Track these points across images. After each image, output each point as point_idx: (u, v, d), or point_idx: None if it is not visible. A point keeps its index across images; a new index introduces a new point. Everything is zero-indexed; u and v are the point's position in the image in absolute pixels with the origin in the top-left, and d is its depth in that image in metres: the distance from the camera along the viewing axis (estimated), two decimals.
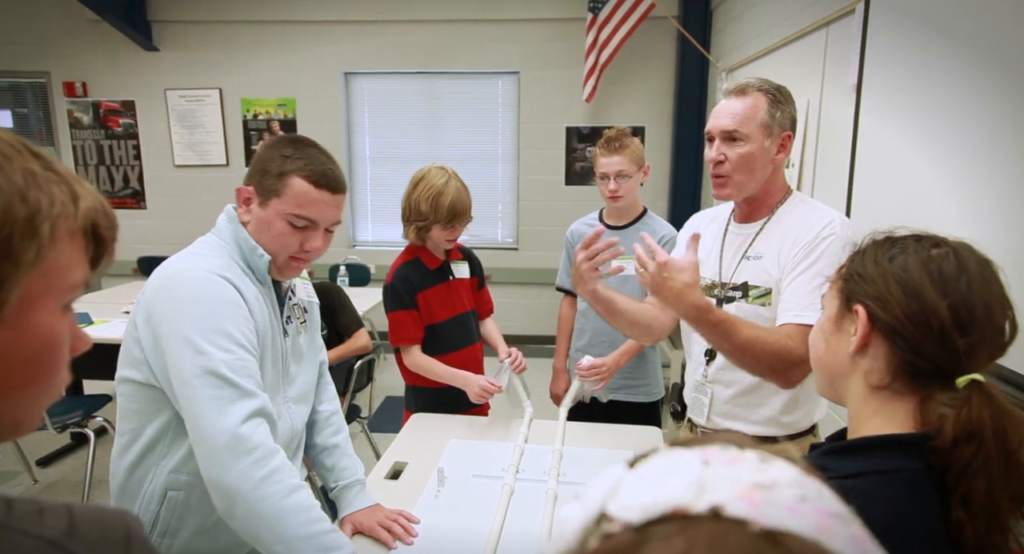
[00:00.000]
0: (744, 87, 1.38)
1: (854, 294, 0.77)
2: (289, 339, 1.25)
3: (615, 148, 2.02)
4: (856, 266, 0.79)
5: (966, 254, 0.75)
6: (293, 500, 1.04)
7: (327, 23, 4.89)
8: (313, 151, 1.15)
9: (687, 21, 4.50)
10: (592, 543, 0.29)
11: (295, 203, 1.13)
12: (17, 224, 0.41)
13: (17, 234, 0.41)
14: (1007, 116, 1.50)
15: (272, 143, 1.16)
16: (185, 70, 5.04)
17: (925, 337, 0.71)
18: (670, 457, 0.31)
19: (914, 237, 0.77)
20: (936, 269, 0.73)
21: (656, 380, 2.24)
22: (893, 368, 0.74)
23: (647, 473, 0.31)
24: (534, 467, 1.59)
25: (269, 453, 1.04)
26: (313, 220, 1.14)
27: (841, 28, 2.45)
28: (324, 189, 1.14)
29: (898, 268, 0.74)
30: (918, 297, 0.72)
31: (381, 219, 5.28)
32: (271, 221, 1.13)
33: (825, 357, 0.82)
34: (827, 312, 0.83)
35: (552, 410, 2.10)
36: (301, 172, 1.12)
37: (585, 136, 4.98)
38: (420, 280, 1.91)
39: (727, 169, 1.38)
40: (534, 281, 4.93)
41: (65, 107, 5.16)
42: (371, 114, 5.12)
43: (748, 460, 0.30)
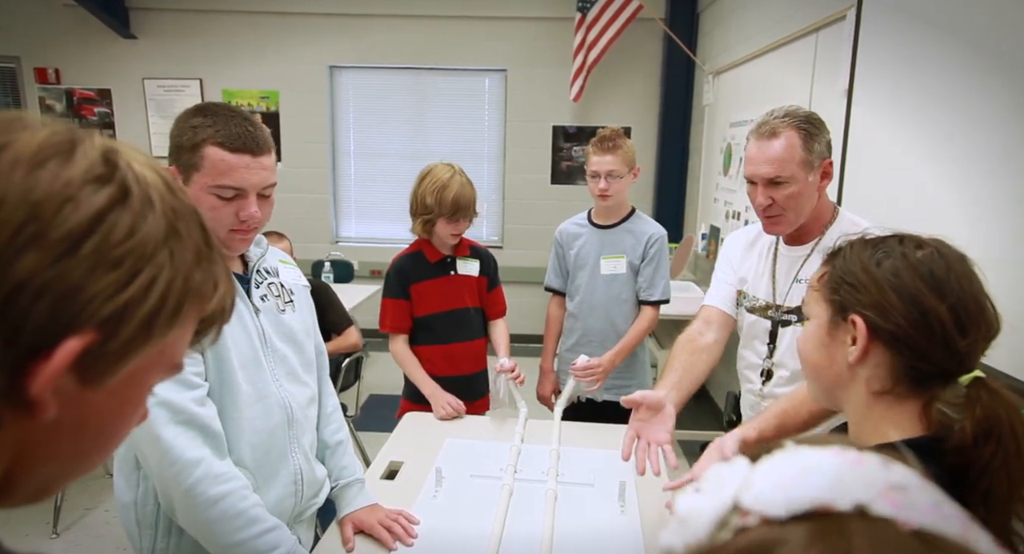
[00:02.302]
0: (775, 128, 1.35)
1: (848, 304, 0.76)
2: (266, 317, 1.19)
3: (608, 147, 2.03)
4: (842, 273, 0.78)
5: (947, 251, 0.76)
6: (216, 511, 1.04)
7: (312, 15, 4.81)
8: (225, 115, 1.07)
9: (674, 23, 4.54)
10: (723, 536, 0.29)
11: (216, 172, 1.05)
12: (170, 302, 0.41)
13: (166, 312, 0.41)
14: (1000, 122, 1.54)
15: (182, 115, 1.09)
16: (164, 59, 4.92)
17: (929, 342, 0.72)
18: (798, 454, 0.31)
19: (895, 238, 0.78)
20: (928, 271, 0.73)
21: (645, 380, 2.26)
22: (895, 373, 0.74)
23: (781, 469, 0.30)
24: (532, 467, 1.58)
25: (190, 463, 1.02)
26: (239, 188, 1.07)
27: (832, 34, 2.48)
28: (243, 153, 1.06)
29: (889, 274, 0.74)
30: (917, 303, 0.73)
31: (365, 215, 5.22)
32: (199, 197, 1.06)
33: (821, 367, 0.81)
34: (817, 321, 0.82)
35: (546, 410, 2.09)
36: (214, 139, 1.05)
37: (571, 135, 4.98)
38: (416, 272, 1.96)
39: (777, 210, 1.38)
40: (518, 280, 4.91)
41: (36, 94, 5.00)
42: (356, 109, 5.06)
43: (872, 462, 0.30)
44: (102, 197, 0.38)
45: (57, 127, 0.40)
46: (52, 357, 0.36)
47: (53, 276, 0.36)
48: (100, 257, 0.37)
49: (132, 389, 0.43)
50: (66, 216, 0.37)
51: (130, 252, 0.39)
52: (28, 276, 0.35)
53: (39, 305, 0.36)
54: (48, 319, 0.36)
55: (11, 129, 0.39)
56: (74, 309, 0.37)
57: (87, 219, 0.37)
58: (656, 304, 2.15)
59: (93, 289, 0.37)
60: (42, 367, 0.36)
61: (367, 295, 3.89)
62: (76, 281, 0.37)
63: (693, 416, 3.77)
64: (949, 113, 1.72)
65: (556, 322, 2.28)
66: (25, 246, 0.36)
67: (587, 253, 2.17)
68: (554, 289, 2.29)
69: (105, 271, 0.38)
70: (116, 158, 0.41)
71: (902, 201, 1.91)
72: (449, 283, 1.99)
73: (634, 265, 2.14)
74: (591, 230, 2.19)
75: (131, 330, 0.39)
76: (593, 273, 2.16)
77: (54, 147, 0.39)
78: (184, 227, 0.42)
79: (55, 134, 0.39)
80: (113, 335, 0.38)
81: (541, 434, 1.77)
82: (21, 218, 0.36)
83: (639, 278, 2.15)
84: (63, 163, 0.38)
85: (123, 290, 0.38)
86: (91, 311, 0.37)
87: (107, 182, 0.39)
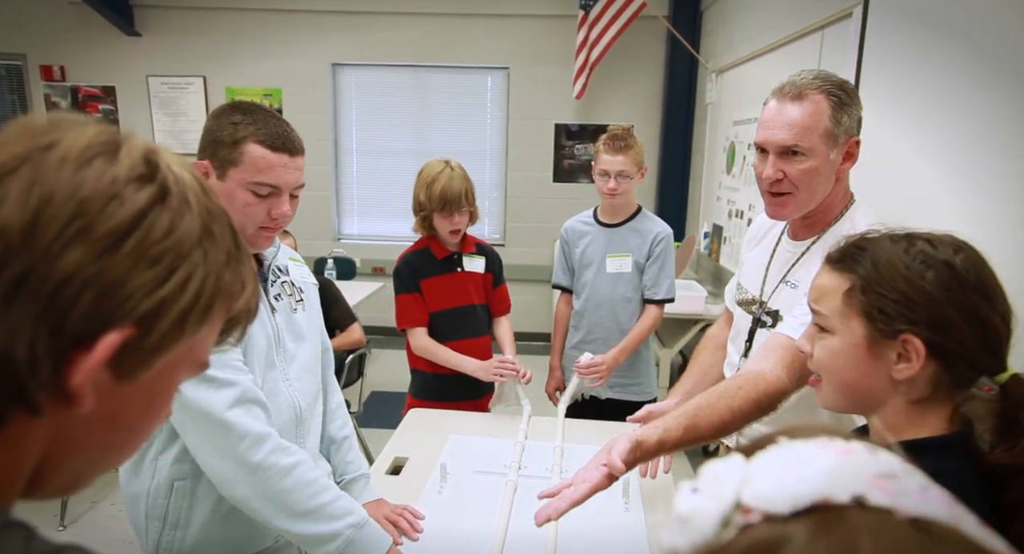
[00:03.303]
0: (801, 90, 1.15)
1: (897, 321, 0.71)
2: (280, 316, 1.21)
3: (620, 147, 2.03)
4: (879, 287, 0.73)
5: (972, 250, 0.75)
6: (291, 479, 1.06)
7: (315, 13, 4.82)
8: (263, 115, 1.10)
9: (677, 21, 4.53)
10: (728, 534, 0.29)
11: (255, 169, 1.08)
12: (203, 300, 0.42)
13: (198, 310, 0.42)
14: (1009, 122, 1.53)
15: (219, 112, 1.11)
16: (168, 56, 4.92)
17: (984, 352, 0.71)
18: (792, 449, 0.31)
19: (922, 240, 0.75)
20: (976, 280, 0.71)
21: (650, 379, 2.26)
22: (937, 382, 0.73)
23: (777, 465, 0.31)
24: (536, 464, 1.59)
25: (260, 438, 1.05)
26: (276, 186, 1.10)
27: (837, 31, 2.48)
28: (282, 152, 1.09)
29: (940, 287, 0.71)
30: (976, 317, 0.70)
31: (367, 212, 5.23)
32: (233, 193, 1.08)
33: (857, 383, 0.77)
34: (849, 339, 0.76)
35: (549, 407, 2.10)
36: (255, 137, 1.07)
37: (574, 133, 4.98)
38: (424, 267, 1.97)
39: (787, 187, 1.18)
40: (521, 278, 4.93)
41: (42, 91, 5.01)
42: (359, 106, 5.07)
43: (859, 450, 0.31)
44: (144, 196, 0.40)
45: (101, 127, 0.42)
46: (93, 349, 0.38)
47: (97, 270, 0.37)
48: (141, 253, 0.39)
49: (162, 385, 0.44)
50: (111, 213, 0.38)
51: (168, 250, 0.40)
52: (75, 269, 0.37)
53: (83, 298, 0.37)
54: (91, 312, 0.38)
55: (59, 128, 0.41)
56: (115, 303, 0.38)
57: (130, 216, 0.39)
58: (660, 303, 2.15)
59: (133, 284, 0.39)
60: (83, 359, 0.38)
61: (369, 292, 3.91)
62: (118, 276, 0.38)
63: None
64: (957, 113, 1.72)
65: (564, 319, 2.29)
66: (72, 240, 0.37)
67: (593, 251, 2.18)
68: (562, 286, 2.29)
69: (145, 267, 0.39)
70: (156, 159, 0.42)
71: (907, 202, 1.91)
72: (456, 280, 2.00)
73: (639, 264, 2.14)
74: (597, 228, 2.19)
75: (166, 326, 0.40)
76: (599, 271, 2.17)
77: (100, 146, 0.40)
78: (217, 228, 0.44)
79: (100, 134, 0.41)
80: (149, 330, 0.40)
81: (545, 431, 1.77)
82: (69, 213, 0.37)
83: (644, 277, 2.15)
84: (108, 162, 0.40)
85: (161, 286, 0.40)
86: (131, 306, 0.39)
87: (149, 181, 0.41)
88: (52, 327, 0.37)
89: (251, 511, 1.07)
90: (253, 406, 1.07)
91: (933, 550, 0.27)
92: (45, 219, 0.37)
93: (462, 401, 1.98)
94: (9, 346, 0.36)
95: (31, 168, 0.38)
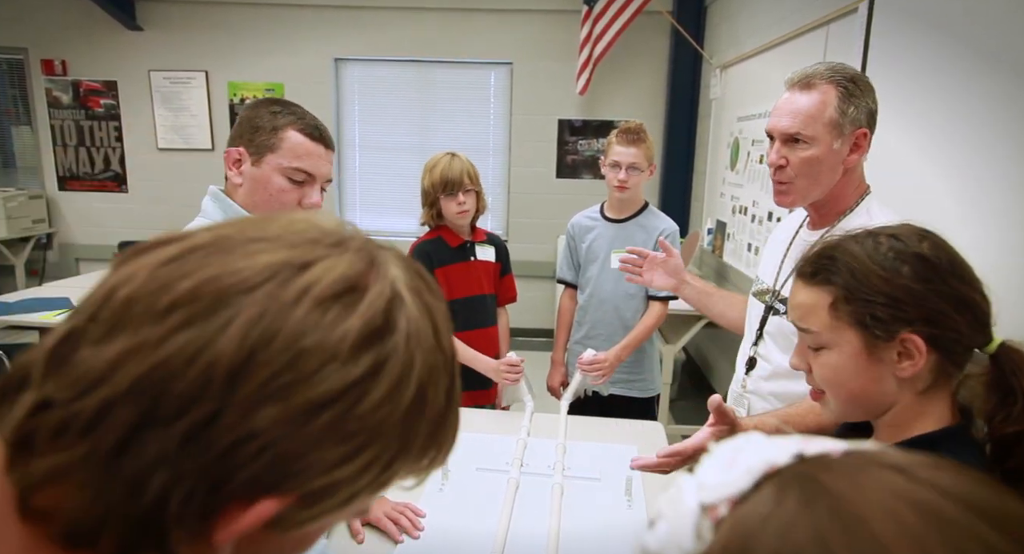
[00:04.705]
0: (810, 78, 1.18)
1: (890, 323, 0.72)
2: None
3: (633, 140, 2.03)
4: (863, 292, 0.73)
5: (934, 233, 0.76)
6: None
7: (318, 7, 4.80)
8: (299, 109, 1.15)
9: (681, 17, 4.50)
10: (705, 539, 0.31)
11: (293, 155, 1.11)
12: (383, 479, 0.38)
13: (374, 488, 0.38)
14: (1013, 118, 1.52)
15: (257, 103, 1.15)
16: (170, 51, 4.91)
17: (976, 332, 0.72)
18: (723, 446, 0.34)
19: (886, 236, 0.75)
20: (949, 264, 0.73)
21: (654, 375, 2.25)
22: (937, 370, 0.74)
23: (717, 459, 0.33)
24: (538, 461, 1.58)
25: None
26: (311, 173, 1.13)
27: (843, 26, 2.45)
28: (319, 142, 1.13)
29: (921, 281, 0.71)
30: (963, 302, 0.71)
31: (370, 208, 5.22)
32: (268, 178, 1.11)
33: (865, 391, 0.76)
34: (846, 349, 0.75)
35: (552, 404, 2.09)
36: (296, 125, 1.11)
37: (577, 129, 4.96)
38: (439, 256, 1.98)
39: (789, 175, 1.21)
40: (523, 274, 4.90)
41: (43, 85, 5.00)
42: (361, 102, 5.05)
43: (778, 438, 0.34)
44: (366, 362, 0.35)
45: (360, 252, 0.37)
46: (246, 513, 0.34)
47: (282, 436, 0.33)
48: (333, 429, 0.34)
49: (314, 534, 0.40)
50: (323, 378, 0.34)
51: (364, 428, 0.35)
52: (262, 429, 0.33)
53: (258, 461, 0.33)
54: (259, 476, 0.34)
55: (323, 242, 0.37)
56: (286, 474, 0.34)
57: (342, 386, 0.34)
58: (664, 300, 2.14)
59: (312, 459, 0.34)
60: (233, 518, 0.34)
61: None
62: (302, 447, 0.34)
63: (698, 411, 3.77)
64: (963, 109, 1.70)
65: (568, 314, 2.29)
66: (273, 396, 0.33)
67: (599, 247, 2.18)
68: (566, 281, 2.29)
69: (333, 444, 0.35)
70: (397, 309, 0.37)
71: (914, 203, 1.89)
72: (469, 269, 2.01)
73: None
74: (604, 224, 2.19)
75: (332, 503, 0.37)
76: (604, 267, 2.16)
77: (348, 283, 0.36)
78: (432, 390, 0.39)
79: (355, 264, 0.37)
80: (312, 505, 0.36)
81: (547, 428, 1.77)
82: (282, 364, 0.33)
83: None
84: (347, 309, 0.35)
85: (339, 467, 0.35)
86: (301, 480, 0.35)
87: (380, 340, 0.36)
88: (215, 483, 0.33)
89: None
90: None
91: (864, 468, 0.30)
92: (257, 364, 0.33)
93: (471, 391, 1.99)
94: (165, 495, 0.32)
95: (268, 294, 0.34)
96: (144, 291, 0.34)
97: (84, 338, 0.33)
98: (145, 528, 0.33)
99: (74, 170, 5.13)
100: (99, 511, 0.33)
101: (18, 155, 5.27)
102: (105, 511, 0.33)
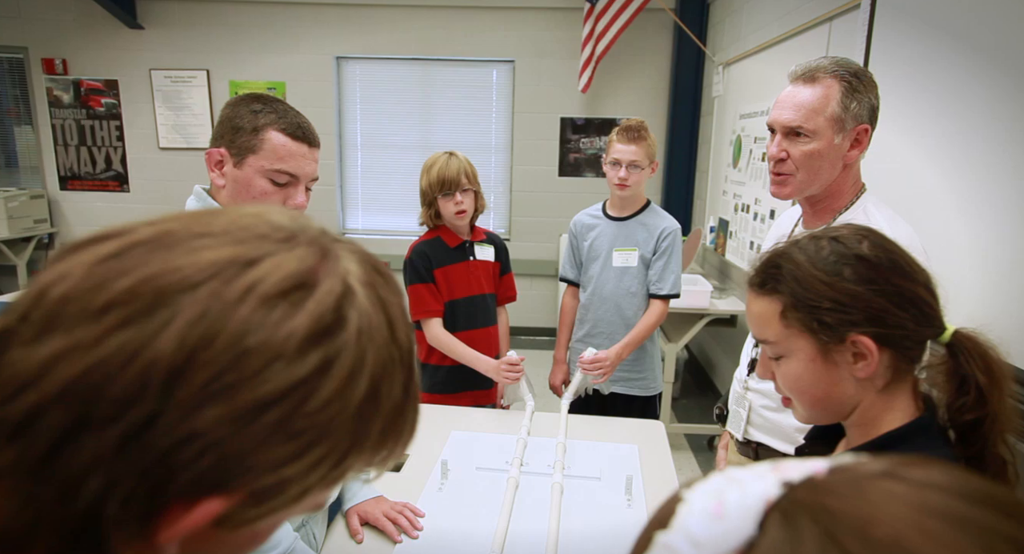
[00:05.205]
0: (814, 72, 1.18)
1: (838, 326, 0.73)
2: None
3: (633, 137, 2.02)
4: (808, 298, 0.73)
5: (874, 231, 0.77)
6: None
7: (319, 6, 4.79)
8: (282, 106, 1.11)
9: (684, 14, 4.49)
10: None
11: (275, 157, 1.07)
12: (332, 476, 0.37)
13: (324, 484, 0.37)
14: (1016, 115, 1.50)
15: (237, 101, 1.11)
16: (171, 50, 4.90)
17: (921, 323, 0.73)
18: (700, 495, 0.31)
19: (826, 239, 0.75)
20: (889, 261, 0.73)
21: (655, 374, 2.24)
22: (894, 366, 0.75)
23: (702, 514, 0.30)
24: (538, 460, 1.57)
25: None
26: (294, 174, 1.09)
27: (845, 22, 2.44)
28: (302, 142, 1.10)
29: (864, 281, 0.72)
30: (905, 297, 0.72)
31: (371, 207, 5.21)
32: (250, 180, 1.07)
33: (827, 394, 0.77)
34: (801, 355, 0.76)
35: (553, 402, 2.08)
36: (276, 125, 1.08)
37: (580, 127, 4.95)
38: (438, 256, 1.96)
39: (789, 168, 1.21)
40: (526, 272, 4.91)
41: (44, 84, 5.00)
42: (363, 100, 5.04)
43: (734, 470, 0.32)
44: (314, 360, 0.34)
45: (309, 252, 0.36)
46: (190, 512, 0.33)
47: (226, 436, 0.32)
48: (280, 427, 0.33)
49: (266, 531, 0.39)
50: (268, 378, 0.33)
51: (313, 426, 0.34)
52: (205, 430, 0.32)
53: (201, 461, 0.32)
54: (202, 477, 0.32)
55: (272, 238, 0.35)
56: (231, 473, 0.33)
57: (287, 385, 0.33)
58: (665, 298, 2.13)
59: (259, 458, 0.33)
60: (176, 518, 0.33)
61: None
62: (246, 447, 0.33)
63: (700, 410, 3.76)
64: (967, 105, 1.69)
65: (570, 312, 2.28)
66: (216, 396, 0.32)
67: (600, 245, 2.16)
68: (569, 280, 2.28)
69: (279, 442, 0.34)
70: (348, 305, 0.36)
71: (916, 200, 1.88)
72: (468, 269, 2.00)
73: (646, 258, 2.12)
74: (606, 222, 2.18)
75: (281, 501, 0.35)
76: (605, 265, 2.15)
77: (296, 279, 0.34)
78: (387, 386, 0.37)
79: (305, 260, 0.35)
80: (261, 503, 0.35)
81: (548, 427, 1.75)
82: (224, 363, 0.32)
83: (649, 272, 2.13)
84: (294, 307, 0.34)
85: (287, 465, 0.34)
86: (247, 479, 0.34)
87: (328, 338, 0.34)
88: (155, 485, 0.32)
89: None
90: None
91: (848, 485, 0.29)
92: (198, 365, 0.31)
93: (473, 391, 1.98)
94: (101, 499, 0.31)
95: (211, 293, 0.32)
96: (79, 289, 0.32)
97: (14, 339, 0.32)
98: (80, 532, 0.32)
99: (75, 170, 5.13)
100: (28, 517, 0.31)
101: (20, 155, 5.28)
102: (35, 517, 0.31)
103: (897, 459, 0.29)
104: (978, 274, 1.55)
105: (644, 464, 1.58)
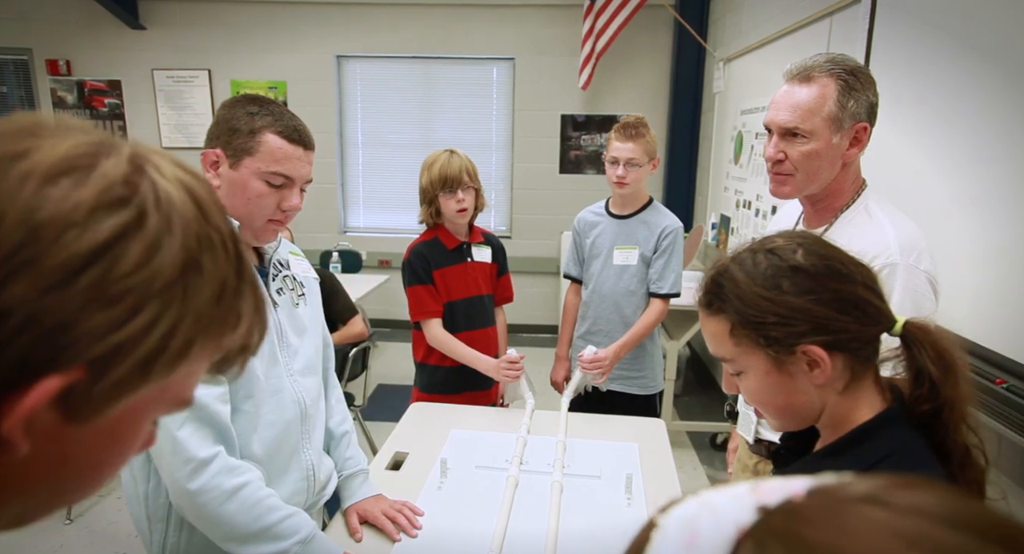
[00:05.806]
0: (809, 71, 1.16)
1: (786, 339, 0.73)
2: (282, 311, 1.20)
3: (630, 135, 2.01)
4: (753, 315, 0.74)
5: (807, 236, 0.78)
6: (234, 503, 1.04)
7: (320, 5, 4.79)
8: (278, 108, 1.12)
9: (684, 10, 4.47)
10: None
11: (271, 159, 1.08)
12: (175, 342, 0.37)
13: (169, 353, 0.37)
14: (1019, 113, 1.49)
15: (233, 102, 1.12)
16: (173, 50, 4.92)
17: (866, 322, 0.74)
18: (674, 522, 0.31)
19: (762, 253, 0.76)
20: (825, 267, 0.74)
21: (655, 373, 2.24)
22: (850, 367, 0.76)
23: (675, 543, 0.30)
24: (537, 458, 1.57)
25: (202, 463, 1.02)
26: (290, 177, 1.11)
27: (846, 18, 2.43)
28: (297, 144, 1.11)
29: (803, 292, 0.73)
30: (845, 300, 0.73)
31: (373, 205, 5.22)
32: (246, 182, 1.08)
33: (790, 404, 0.78)
34: (757, 371, 0.77)
35: (552, 401, 2.09)
36: (272, 128, 1.09)
37: (580, 124, 4.94)
38: (436, 258, 1.96)
39: (787, 168, 1.20)
40: (527, 270, 4.91)
41: (48, 85, 5.02)
42: (364, 99, 5.04)
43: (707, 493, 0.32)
44: (111, 225, 0.34)
45: (85, 138, 0.37)
46: (27, 394, 0.33)
47: (41, 308, 0.33)
48: (97, 292, 0.34)
49: (125, 426, 0.39)
50: (66, 244, 0.33)
51: (132, 288, 0.35)
52: (15, 304, 0.32)
53: (21, 338, 0.33)
54: (29, 354, 0.33)
55: (37, 134, 0.36)
56: (59, 346, 0.34)
57: (88, 249, 0.34)
58: (665, 297, 2.13)
59: (83, 326, 0.34)
60: (15, 403, 0.33)
61: (375, 285, 3.91)
62: (66, 316, 0.33)
63: (702, 407, 3.76)
64: (967, 102, 1.68)
65: (572, 309, 2.28)
66: (16, 271, 0.32)
67: (602, 242, 2.17)
68: (572, 276, 2.28)
69: (100, 307, 0.34)
70: (139, 178, 0.37)
71: (915, 196, 1.87)
72: (466, 270, 2.00)
73: (646, 257, 2.12)
74: (608, 219, 2.18)
75: (123, 371, 0.36)
76: (606, 263, 2.15)
77: (75, 160, 0.35)
78: (209, 259, 0.38)
79: (81, 145, 0.36)
80: (102, 375, 0.35)
81: (547, 425, 1.76)
82: (17, 240, 0.32)
83: (650, 270, 2.13)
84: (78, 182, 0.34)
85: (116, 330, 0.35)
86: (78, 350, 0.34)
87: (122, 206, 0.35)
88: None
89: (204, 529, 1.06)
90: (205, 426, 1.03)
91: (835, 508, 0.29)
92: None
93: (472, 392, 1.99)
94: None
95: None
96: None
97: None
98: None
99: None
100: None
101: None
102: None
103: (884, 480, 0.29)
104: (978, 272, 1.54)
105: (644, 462, 1.58)
